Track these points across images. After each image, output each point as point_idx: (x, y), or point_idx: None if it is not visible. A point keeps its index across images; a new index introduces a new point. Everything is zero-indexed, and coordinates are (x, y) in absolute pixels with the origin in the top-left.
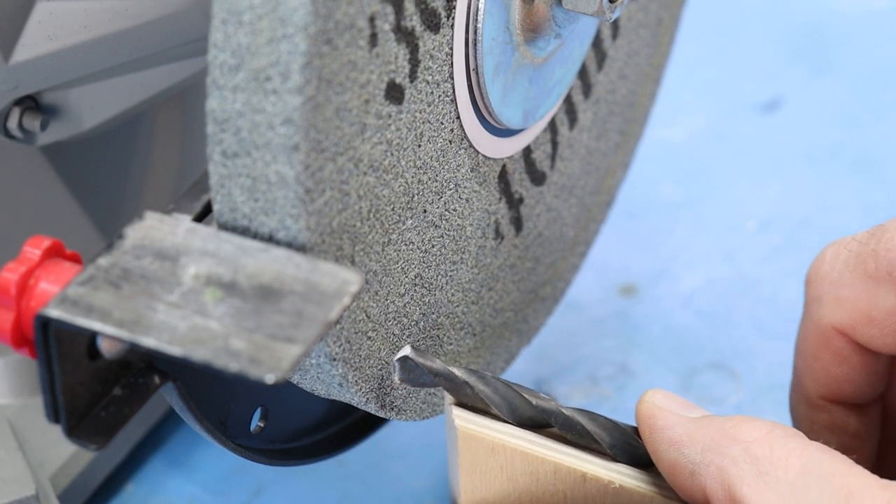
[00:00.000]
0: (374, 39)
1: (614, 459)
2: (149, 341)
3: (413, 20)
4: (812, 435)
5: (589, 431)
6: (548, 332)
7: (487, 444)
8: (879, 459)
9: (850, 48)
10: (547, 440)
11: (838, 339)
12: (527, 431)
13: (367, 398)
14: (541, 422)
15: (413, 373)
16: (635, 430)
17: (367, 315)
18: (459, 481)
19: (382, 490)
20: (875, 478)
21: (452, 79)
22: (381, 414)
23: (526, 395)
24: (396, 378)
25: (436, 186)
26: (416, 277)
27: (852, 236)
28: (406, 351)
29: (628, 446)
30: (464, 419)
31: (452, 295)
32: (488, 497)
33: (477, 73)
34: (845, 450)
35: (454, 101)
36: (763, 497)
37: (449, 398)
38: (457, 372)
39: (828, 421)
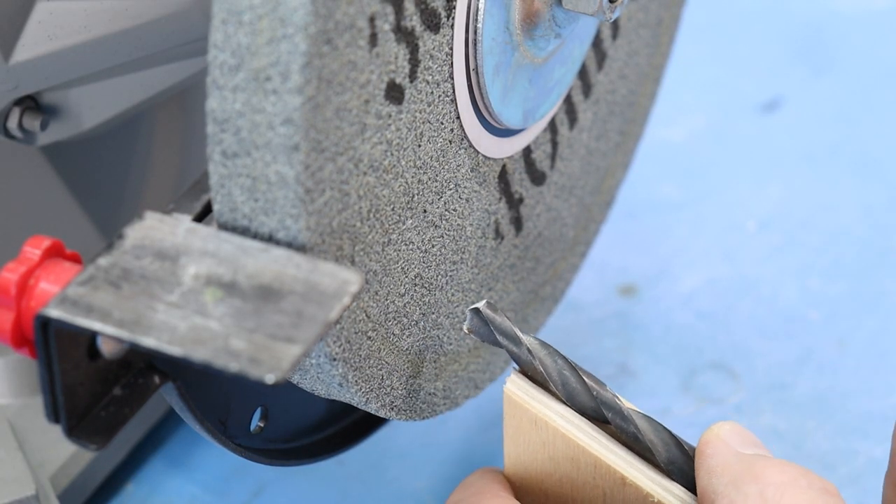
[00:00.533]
0: (374, 39)
1: (668, 475)
2: (149, 341)
3: (413, 20)
4: None
5: (643, 439)
6: (548, 332)
7: (531, 416)
8: None
9: (850, 48)
10: (598, 433)
11: None
12: (579, 417)
13: (367, 398)
14: (598, 414)
15: (482, 327)
16: (694, 451)
17: (367, 315)
18: (504, 444)
19: (382, 490)
20: None
21: (452, 79)
22: (381, 414)
23: (589, 382)
24: (465, 327)
25: (436, 186)
26: (416, 277)
27: None
28: (480, 304)
29: (687, 467)
30: (515, 384)
31: (452, 295)
32: (531, 469)
33: (477, 73)
34: None
35: (454, 101)
36: None
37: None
38: (524, 338)
39: None
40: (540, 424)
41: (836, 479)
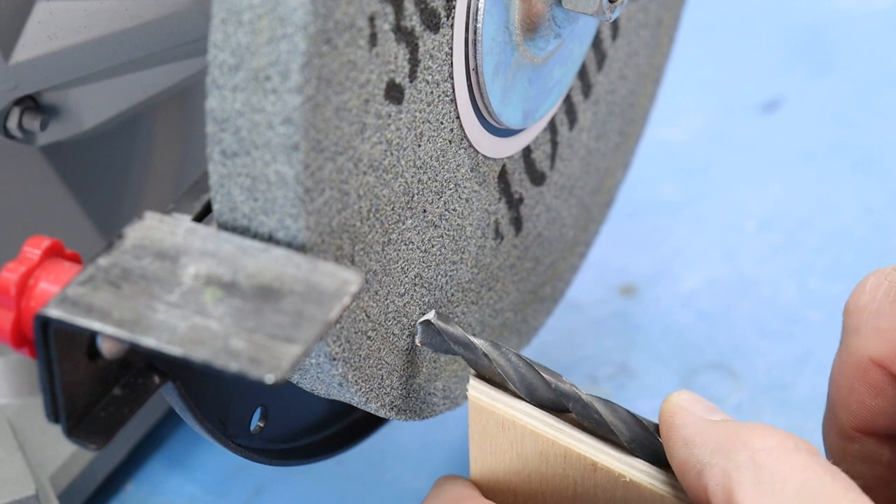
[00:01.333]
0: (373, 39)
1: (632, 453)
2: (149, 341)
3: (413, 20)
4: (844, 465)
5: (607, 422)
6: (548, 332)
7: (498, 418)
8: None
9: (850, 48)
10: (562, 424)
11: (875, 371)
12: (542, 412)
13: (367, 398)
14: (559, 405)
15: (434, 338)
16: (657, 427)
17: (366, 315)
18: (470, 450)
19: (382, 490)
20: None
21: (452, 79)
22: (380, 414)
23: (546, 377)
24: (417, 341)
25: (436, 186)
26: (415, 277)
27: (893, 266)
28: (430, 315)
29: (648, 442)
30: (477, 390)
31: (452, 295)
32: (498, 472)
33: (477, 73)
34: (879, 481)
35: (454, 100)
36: None
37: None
38: (477, 342)
39: (861, 452)
40: (507, 425)
41: None
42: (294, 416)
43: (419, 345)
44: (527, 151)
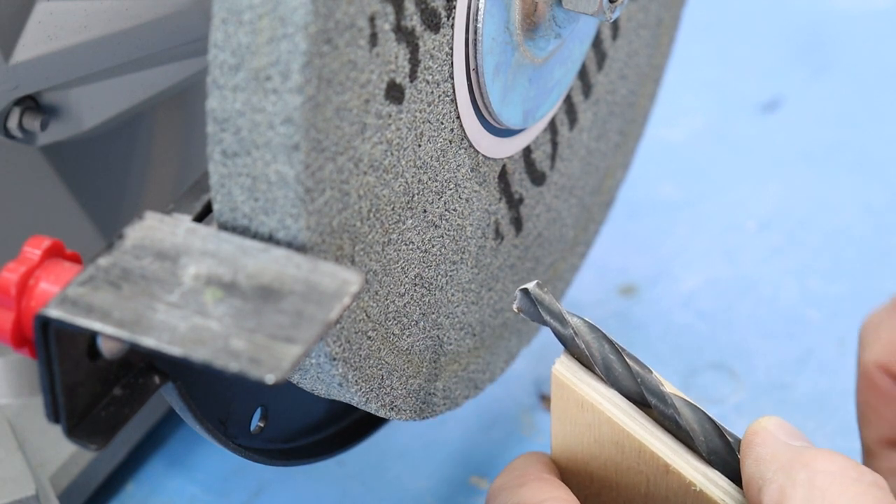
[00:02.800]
0: (374, 39)
1: (709, 463)
2: (149, 341)
3: (413, 20)
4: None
5: (685, 427)
6: (548, 332)
7: (578, 397)
8: None
9: (850, 48)
10: (642, 417)
11: (881, 378)
12: (625, 401)
13: (367, 398)
14: (640, 398)
15: (531, 306)
16: (739, 443)
17: (367, 315)
18: (551, 425)
19: (382, 490)
20: None
21: (452, 79)
22: (381, 414)
23: (633, 366)
24: (515, 306)
25: (436, 186)
26: (416, 277)
27: None
28: (530, 284)
29: (725, 456)
30: (563, 364)
31: (452, 295)
32: (577, 452)
33: (477, 73)
34: None
35: (454, 100)
36: None
37: None
38: (570, 318)
39: (888, 467)
40: (586, 407)
41: None
42: (294, 416)
43: (516, 310)
44: (527, 151)
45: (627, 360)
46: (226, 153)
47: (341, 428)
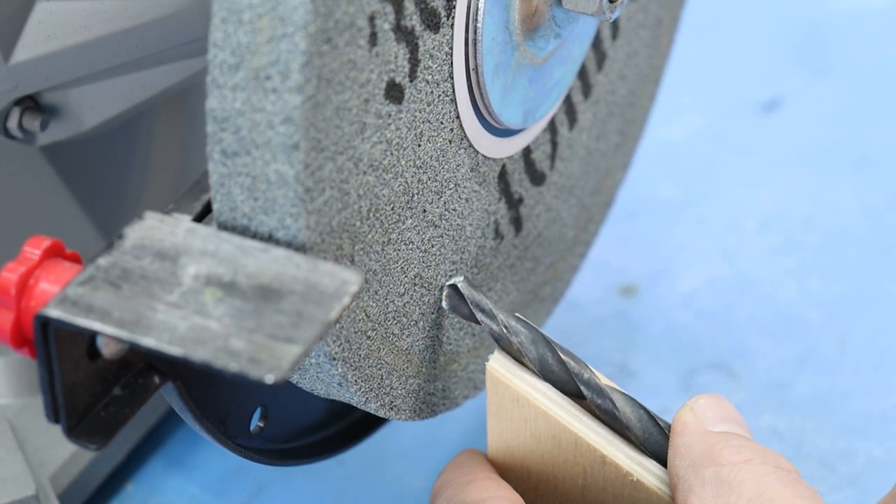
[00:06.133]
0: (373, 39)
1: (644, 452)
2: (149, 341)
3: (413, 20)
4: None
5: (620, 417)
6: (548, 332)
7: (513, 393)
8: None
9: (850, 48)
10: (578, 410)
11: None
12: (559, 394)
13: (367, 398)
14: (576, 390)
15: (461, 303)
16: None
17: (366, 314)
18: (487, 422)
19: (382, 490)
20: None
21: (452, 78)
22: (380, 414)
23: (565, 359)
24: (443, 304)
25: (435, 186)
26: (415, 277)
27: None
28: (458, 279)
29: (661, 444)
30: (497, 361)
31: None
32: (513, 446)
33: (477, 73)
34: None
35: (454, 100)
36: None
37: None
38: (500, 314)
39: None
40: (522, 402)
41: (836, 479)
42: (294, 416)
43: (445, 308)
44: (527, 151)
45: (561, 354)
46: (225, 153)
47: (341, 428)
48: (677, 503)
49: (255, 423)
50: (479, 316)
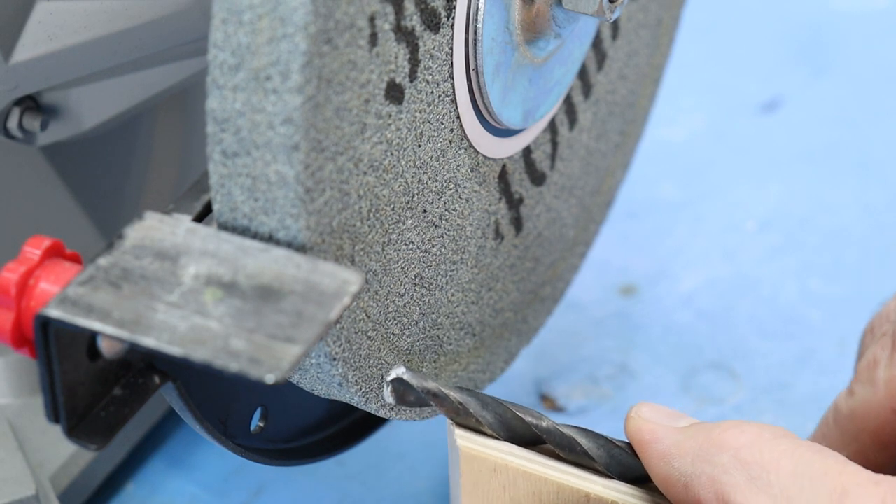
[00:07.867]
0: (374, 39)
1: (611, 477)
2: (149, 341)
3: (413, 20)
4: None
5: (584, 449)
6: (548, 332)
7: (490, 463)
8: None
9: (850, 48)
10: (548, 459)
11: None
12: (527, 451)
13: (367, 398)
14: (535, 439)
15: (406, 394)
16: (629, 445)
17: (366, 315)
18: (461, 501)
19: (382, 490)
20: (868, 474)
21: (452, 79)
22: (381, 414)
23: (519, 413)
24: (389, 400)
25: (436, 186)
26: (416, 277)
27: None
28: (399, 371)
29: (625, 463)
30: (466, 439)
31: (452, 295)
32: None
33: (477, 73)
34: None
35: (454, 101)
36: (757, 502)
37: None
38: (450, 392)
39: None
40: (499, 469)
41: None
42: (294, 416)
43: (392, 403)
44: (527, 151)
45: (512, 408)
46: (226, 153)
47: (341, 428)
48: (687, 500)
49: (256, 423)
50: (433, 401)
